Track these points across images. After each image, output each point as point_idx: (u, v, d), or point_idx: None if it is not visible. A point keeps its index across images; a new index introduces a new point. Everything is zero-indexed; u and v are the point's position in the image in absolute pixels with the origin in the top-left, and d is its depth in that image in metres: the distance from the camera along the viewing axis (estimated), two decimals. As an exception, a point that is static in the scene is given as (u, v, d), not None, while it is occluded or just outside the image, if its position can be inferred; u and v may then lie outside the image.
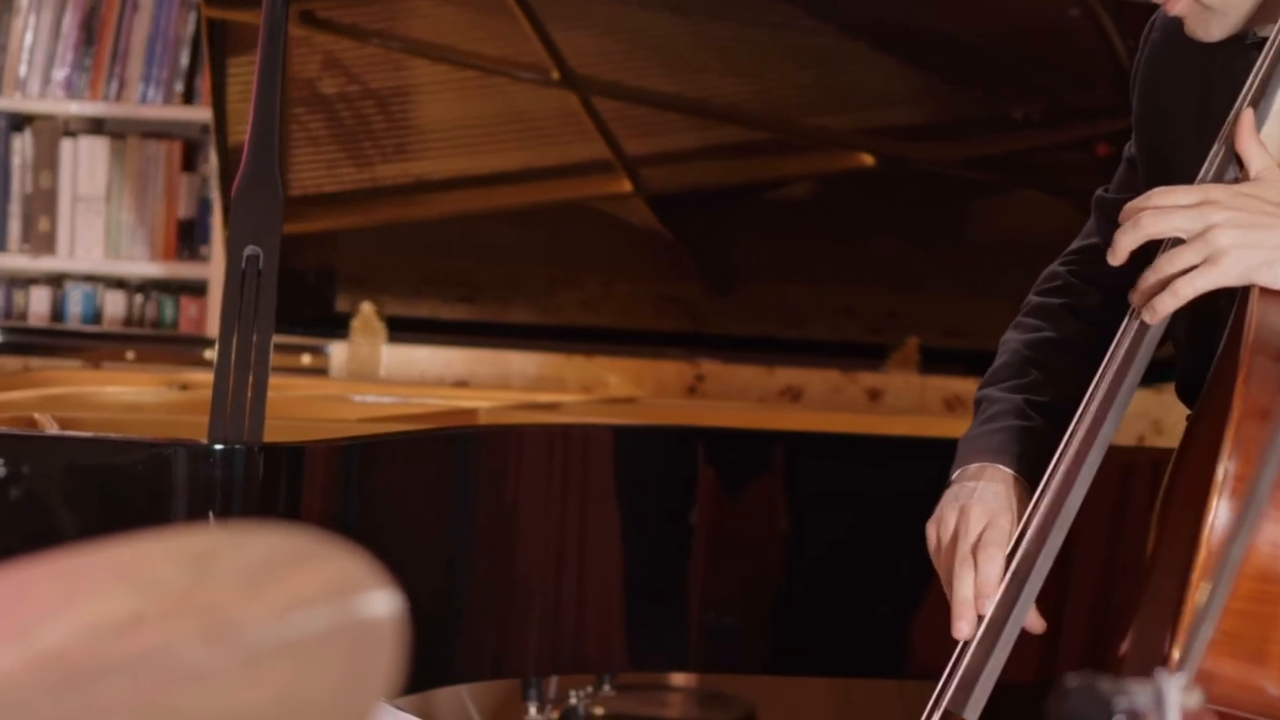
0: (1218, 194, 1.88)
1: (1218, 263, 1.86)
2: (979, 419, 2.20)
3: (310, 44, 3.59)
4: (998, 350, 2.29)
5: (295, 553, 0.88)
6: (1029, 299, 2.32)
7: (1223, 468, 1.76)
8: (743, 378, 3.88)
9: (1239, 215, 1.86)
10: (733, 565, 3.00)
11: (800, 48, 3.64)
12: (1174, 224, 1.89)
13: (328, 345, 3.82)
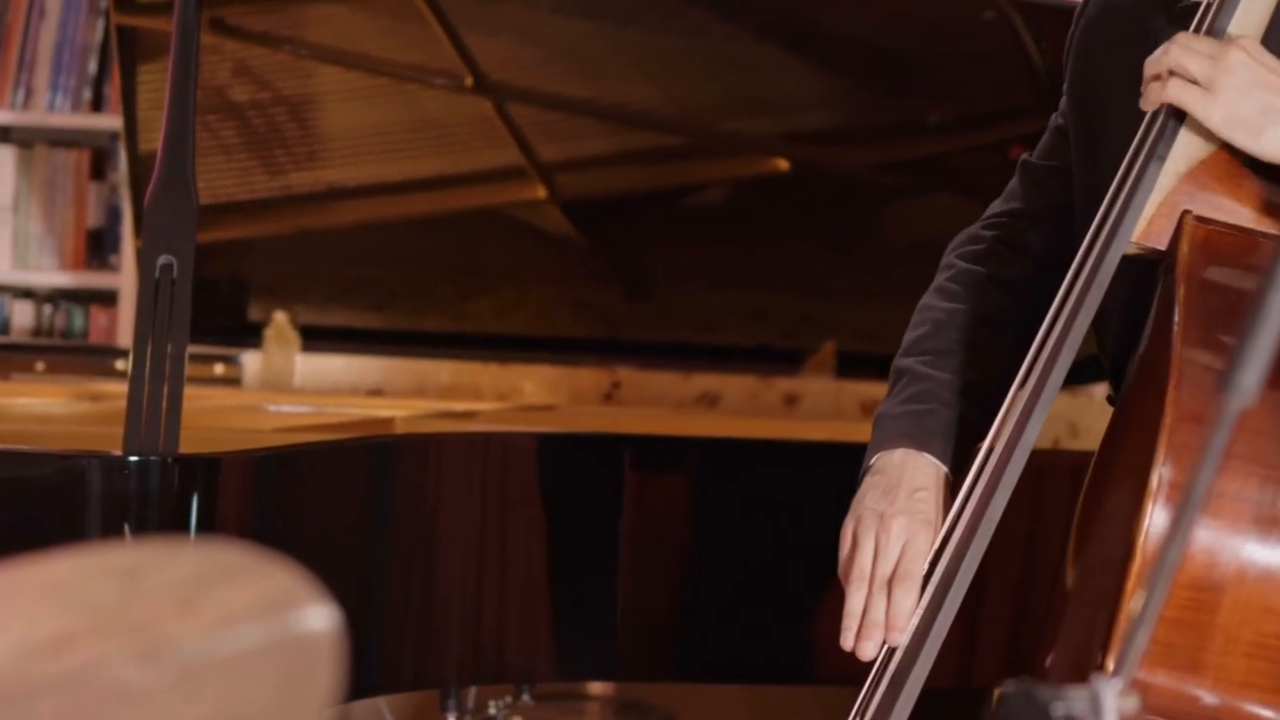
0: (1245, 41, 1.87)
1: (1212, 93, 1.85)
2: (900, 394, 2.13)
3: (220, 51, 3.56)
4: (916, 314, 2.20)
5: (228, 567, 0.86)
6: (949, 260, 2.23)
7: (1157, 474, 1.74)
8: (659, 384, 3.87)
9: (1250, 64, 1.85)
10: (654, 573, 2.99)
11: (714, 53, 3.64)
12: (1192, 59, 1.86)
13: (241, 355, 3.79)
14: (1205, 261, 1.84)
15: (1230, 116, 1.85)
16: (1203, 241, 1.85)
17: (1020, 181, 2.25)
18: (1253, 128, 1.84)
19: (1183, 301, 1.81)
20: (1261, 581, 1.75)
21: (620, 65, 3.66)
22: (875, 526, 2.03)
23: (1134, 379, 1.96)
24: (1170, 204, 1.88)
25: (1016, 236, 2.21)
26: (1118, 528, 1.83)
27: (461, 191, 3.79)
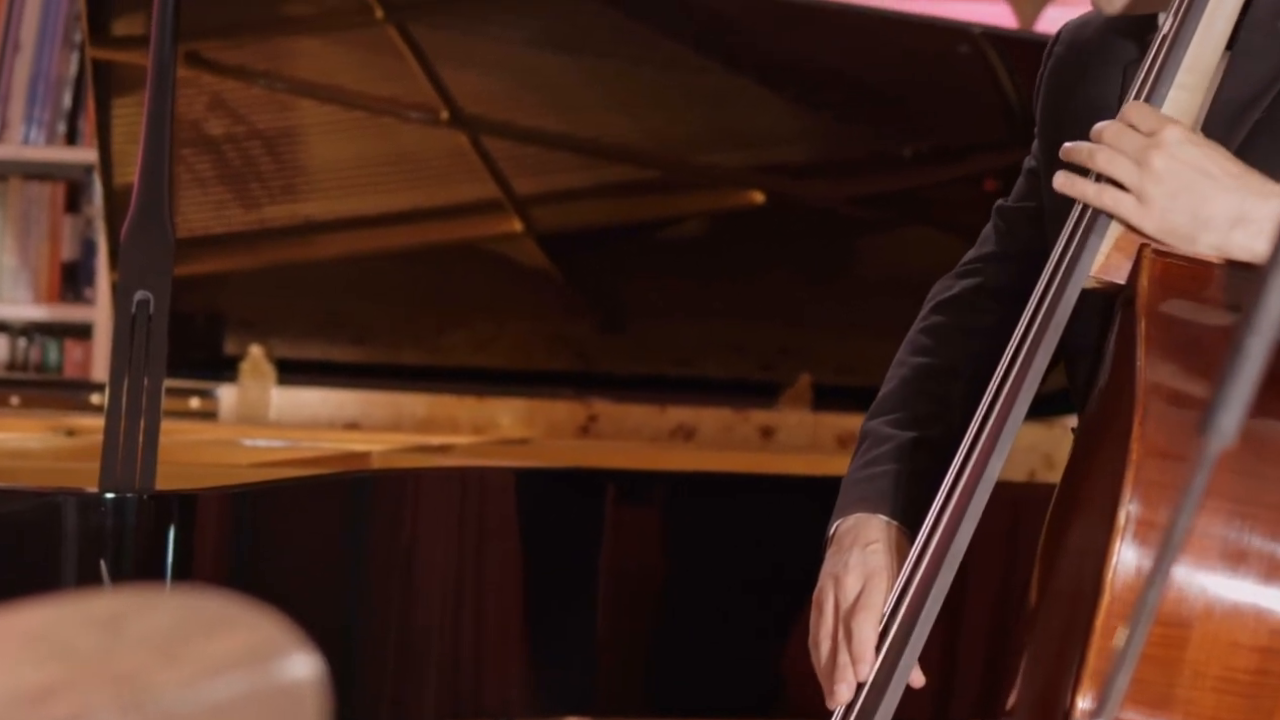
0: (1172, 135, 1.86)
1: (1143, 204, 1.85)
2: (861, 458, 2.15)
3: (196, 85, 3.55)
4: (891, 369, 2.21)
5: (210, 616, 0.86)
6: (925, 310, 2.24)
7: (1124, 510, 1.74)
8: (635, 417, 3.87)
9: (1175, 169, 1.84)
10: (631, 607, 2.98)
11: (689, 86, 3.65)
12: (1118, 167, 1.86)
13: (217, 388, 3.78)
14: (1165, 294, 1.85)
15: (1162, 228, 1.85)
16: (1161, 274, 1.85)
17: (995, 226, 2.25)
18: (1186, 236, 1.85)
19: (1144, 335, 1.81)
20: (1229, 617, 1.75)
21: (595, 98, 3.66)
22: (831, 588, 2.07)
23: (1094, 413, 1.96)
24: (1128, 238, 1.88)
25: (991, 282, 2.21)
26: (1082, 563, 1.83)
27: (437, 225, 3.79)
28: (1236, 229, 1.83)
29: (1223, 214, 1.83)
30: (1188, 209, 1.84)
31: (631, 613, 2.98)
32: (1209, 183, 1.84)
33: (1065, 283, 1.90)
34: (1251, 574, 1.75)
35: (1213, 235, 1.84)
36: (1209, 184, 1.84)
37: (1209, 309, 1.86)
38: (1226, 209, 1.83)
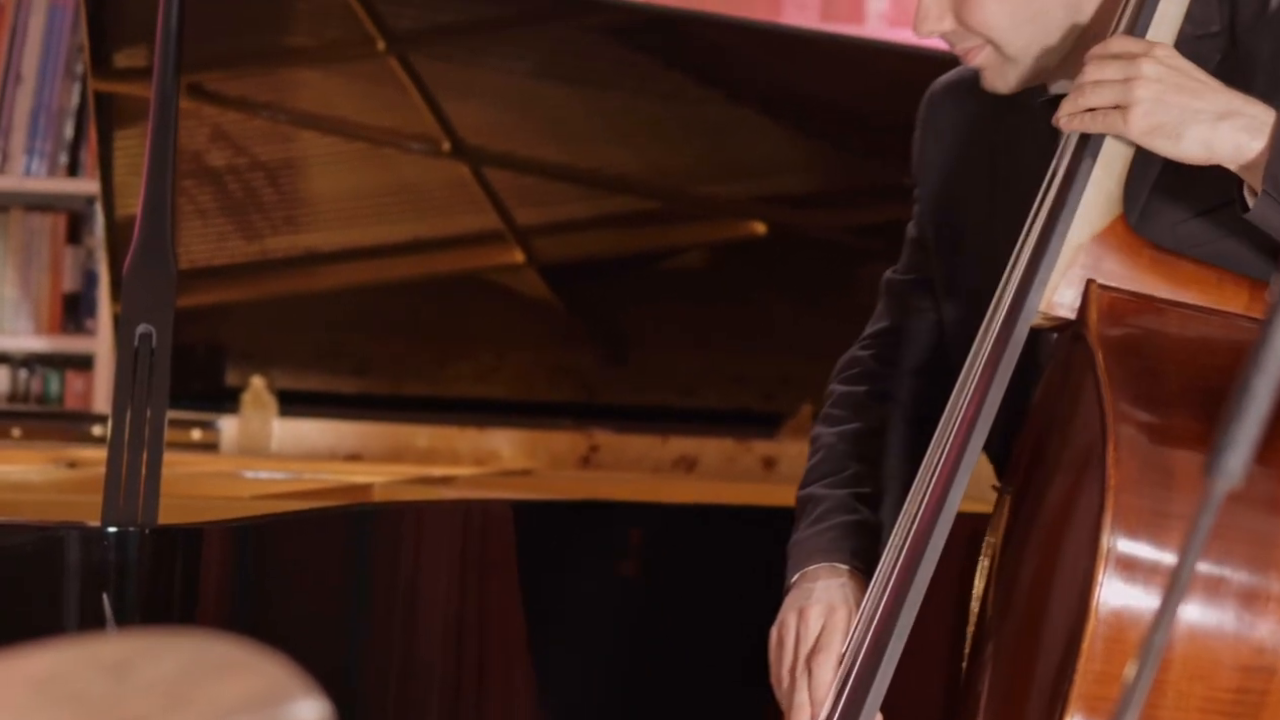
0: (1162, 49, 1.89)
1: (1126, 113, 1.87)
2: (806, 521, 2.20)
3: (198, 116, 3.56)
4: (810, 446, 2.29)
5: (217, 660, 0.85)
6: (831, 389, 2.32)
7: (1106, 540, 1.76)
8: (637, 448, 3.87)
9: (1165, 73, 1.87)
10: (636, 639, 2.98)
11: (690, 117, 3.65)
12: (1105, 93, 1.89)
13: (218, 420, 3.78)
14: (1115, 328, 1.88)
15: (1150, 125, 1.87)
16: (1109, 308, 1.88)
17: (885, 300, 2.32)
18: (1172, 130, 1.87)
19: (1104, 368, 1.83)
20: (1211, 638, 1.77)
21: (597, 130, 3.67)
22: (794, 621, 2.11)
23: (1039, 443, 1.97)
24: (1075, 272, 1.92)
25: (890, 352, 2.28)
26: (1052, 595, 1.85)
27: (439, 256, 3.79)
28: (1224, 121, 1.86)
29: (1211, 107, 1.86)
30: (1176, 104, 1.86)
31: (636, 645, 2.98)
32: (1198, 84, 1.87)
33: (1014, 319, 1.92)
34: (1231, 597, 1.78)
35: (1200, 127, 1.86)
36: (1198, 85, 1.87)
37: (1157, 341, 1.89)
38: (1215, 103, 1.86)
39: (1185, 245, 1.99)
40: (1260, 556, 1.78)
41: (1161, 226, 2.00)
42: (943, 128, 2.24)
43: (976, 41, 2.04)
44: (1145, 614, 1.76)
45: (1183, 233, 2.01)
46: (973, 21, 2.03)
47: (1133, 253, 1.92)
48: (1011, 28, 2.02)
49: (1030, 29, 2.03)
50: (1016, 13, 2.02)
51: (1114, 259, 1.92)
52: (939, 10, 2.05)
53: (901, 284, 2.30)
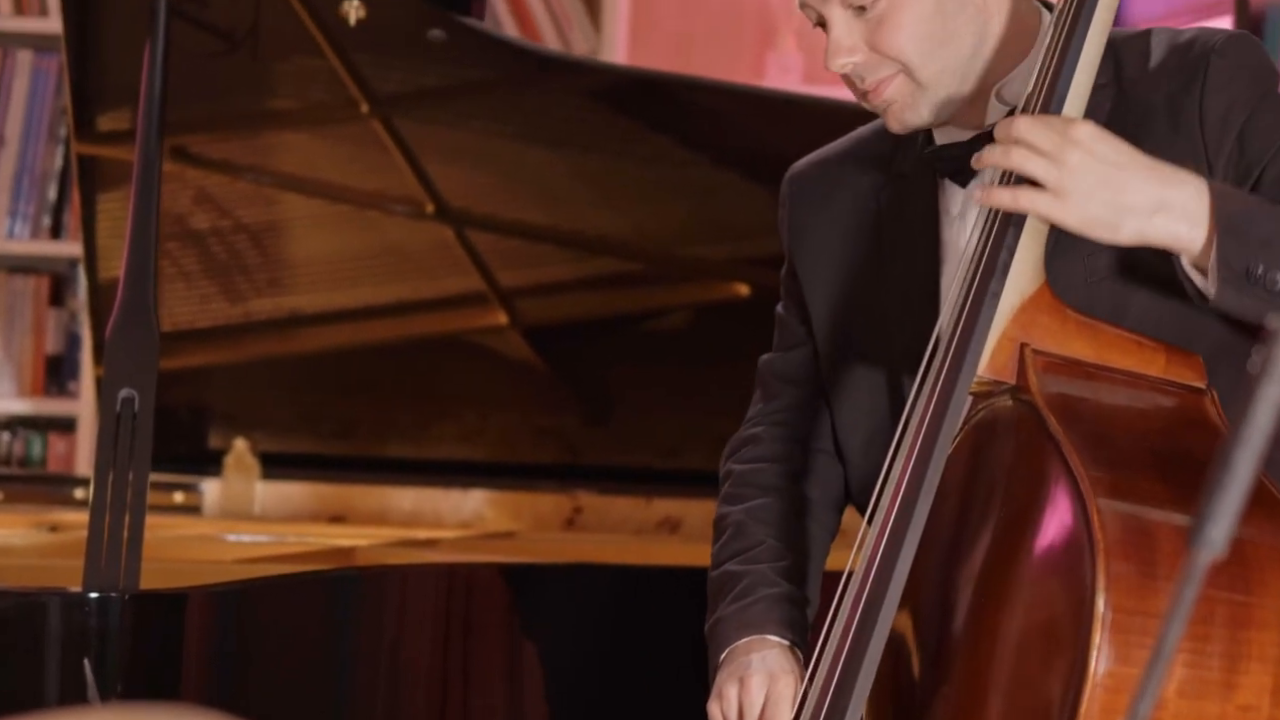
0: (1085, 130, 1.90)
1: (1062, 199, 1.88)
2: (727, 599, 2.20)
3: (182, 179, 3.56)
4: (715, 528, 2.30)
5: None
6: (728, 468, 2.34)
7: (1101, 604, 1.77)
8: (621, 509, 3.86)
9: (1091, 164, 1.88)
10: (623, 703, 2.97)
11: (674, 179, 3.65)
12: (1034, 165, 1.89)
13: (201, 483, 3.77)
14: (1057, 390, 1.91)
15: (1085, 219, 1.89)
16: (1045, 372, 1.92)
17: (765, 381, 2.37)
18: (1109, 225, 1.89)
19: (1060, 431, 1.86)
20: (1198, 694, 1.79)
21: (580, 191, 3.67)
22: (735, 692, 2.11)
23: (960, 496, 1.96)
24: (1009, 337, 1.94)
25: (781, 430, 2.31)
26: (1015, 653, 1.85)
27: (422, 317, 3.79)
28: (1158, 215, 1.88)
29: (1143, 202, 1.88)
30: (1108, 200, 1.88)
31: (621, 709, 2.97)
32: (1125, 174, 1.89)
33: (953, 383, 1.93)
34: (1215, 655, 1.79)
35: (1136, 220, 1.88)
36: (1125, 175, 1.89)
37: (1095, 404, 1.93)
38: (1147, 197, 1.88)
39: (1096, 277, 2.04)
40: (1240, 616, 1.79)
41: (1073, 258, 2.04)
42: (816, 204, 2.28)
43: (888, 71, 2.07)
44: (1136, 676, 1.77)
45: (1093, 264, 2.05)
46: (888, 46, 2.06)
47: (1060, 317, 1.96)
48: (926, 52, 2.06)
49: (942, 55, 2.06)
50: (930, 37, 2.05)
51: (1043, 324, 1.95)
52: (851, 41, 2.07)
53: (784, 362, 2.33)
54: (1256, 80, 2.04)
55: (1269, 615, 1.80)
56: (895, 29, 2.05)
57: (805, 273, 2.29)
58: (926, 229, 2.16)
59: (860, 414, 2.23)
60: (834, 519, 2.30)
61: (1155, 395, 1.95)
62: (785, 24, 4.80)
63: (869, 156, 2.25)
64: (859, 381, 2.22)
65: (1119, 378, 1.95)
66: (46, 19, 4.51)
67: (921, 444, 1.93)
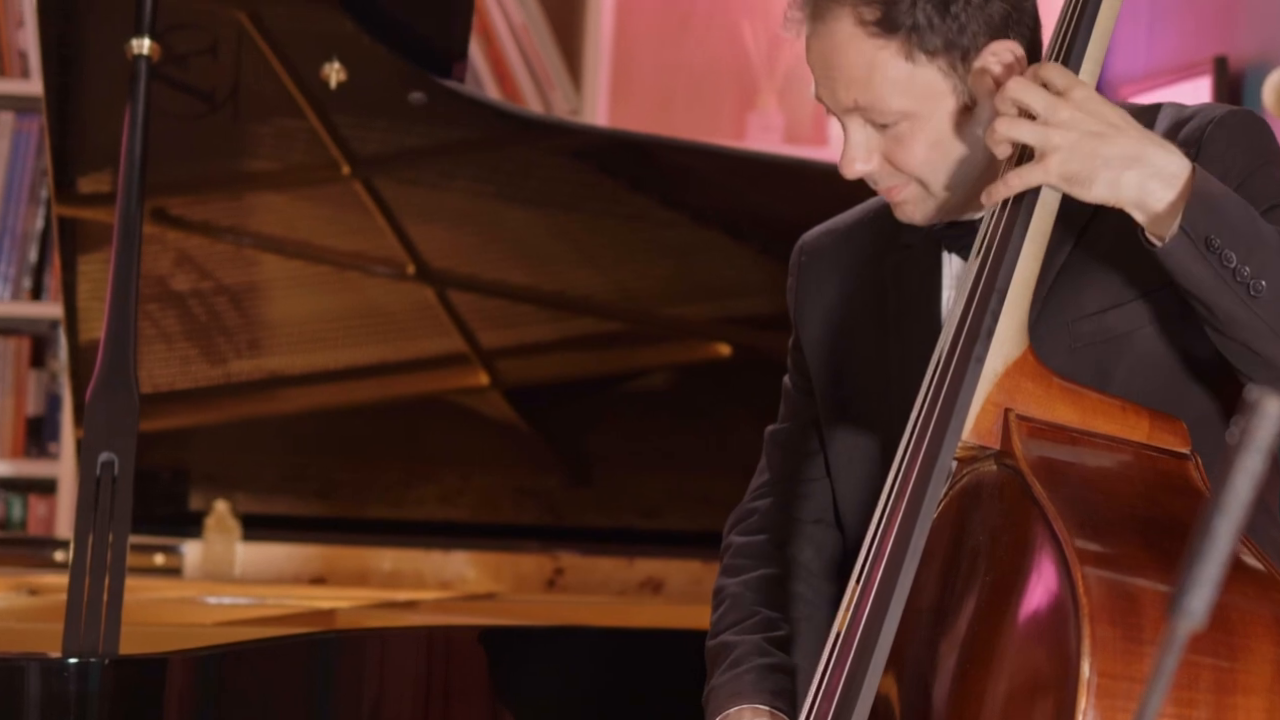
0: (1078, 92, 1.91)
1: (1046, 159, 1.90)
2: (720, 668, 2.22)
3: (162, 241, 3.56)
4: (714, 599, 2.32)
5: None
6: (729, 541, 2.36)
7: (1087, 668, 1.77)
8: (603, 570, 3.85)
9: (1080, 118, 1.89)
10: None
11: (655, 239, 3.66)
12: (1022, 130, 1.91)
13: (182, 545, 3.76)
14: (1041, 457, 1.91)
15: (1063, 174, 1.90)
16: (1030, 438, 1.92)
17: (770, 452, 2.38)
18: (1085, 179, 1.90)
19: (1044, 496, 1.86)
20: None
21: (562, 252, 3.67)
22: None
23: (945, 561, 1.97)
24: (994, 402, 1.94)
25: (785, 502, 2.33)
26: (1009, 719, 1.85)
27: (403, 378, 3.79)
28: (1131, 168, 1.89)
29: (1120, 154, 1.89)
30: (1088, 151, 1.89)
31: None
32: (1111, 129, 1.90)
33: (938, 448, 1.92)
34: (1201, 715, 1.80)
35: (1108, 173, 1.89)
36: (1111, 130, 1.90)
37: (1080, 470, 1.92)
38: (1125, 149, 1.89)
39: (1080, 341, 2.05)
40: (1225, 682, 1.79)
41: (1058, 323, 2.06)
42: (825, 274, 2.31)
43: (902, 180, 2.10)
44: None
45: (1077, 330, 2.06)
46: (903, 163, 2.08)
47: (1044, 383, 1.95)
48: (940, 170, 2.08)
49: (956, 172, 2.08)
50: (945, 156, 2.07)
51: (1027, 389, 1.95)
52: (865, 152, 2.09)
53: (787, 434, 2.35)
54: (1254, 151, 2.04)
55: (1255, 680, 1.80)
56: (912, 149, 2.07)
57: (809, 343, 2.31)
58: (929, 300, 2.17)
59: (859, 483, 2.24)
60: (834, 589, 2.30)
61: (1139, 461, 1.94)
62: (766, 84, 4.81)
63: (878, 227, 2.27)
64: (859, 451, 2.23)
65: (1103, 443, 1.95)
66: (28, 81, 4.51)
67: (907, 508, 1.93)
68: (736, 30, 4.82)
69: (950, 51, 2.05)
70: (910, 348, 2.16)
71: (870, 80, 2.05)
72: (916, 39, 2.03)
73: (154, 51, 2.69)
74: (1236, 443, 0.97)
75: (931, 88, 2.05)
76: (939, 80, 2.06)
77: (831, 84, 2.08)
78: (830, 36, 2.06)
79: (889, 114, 2.06)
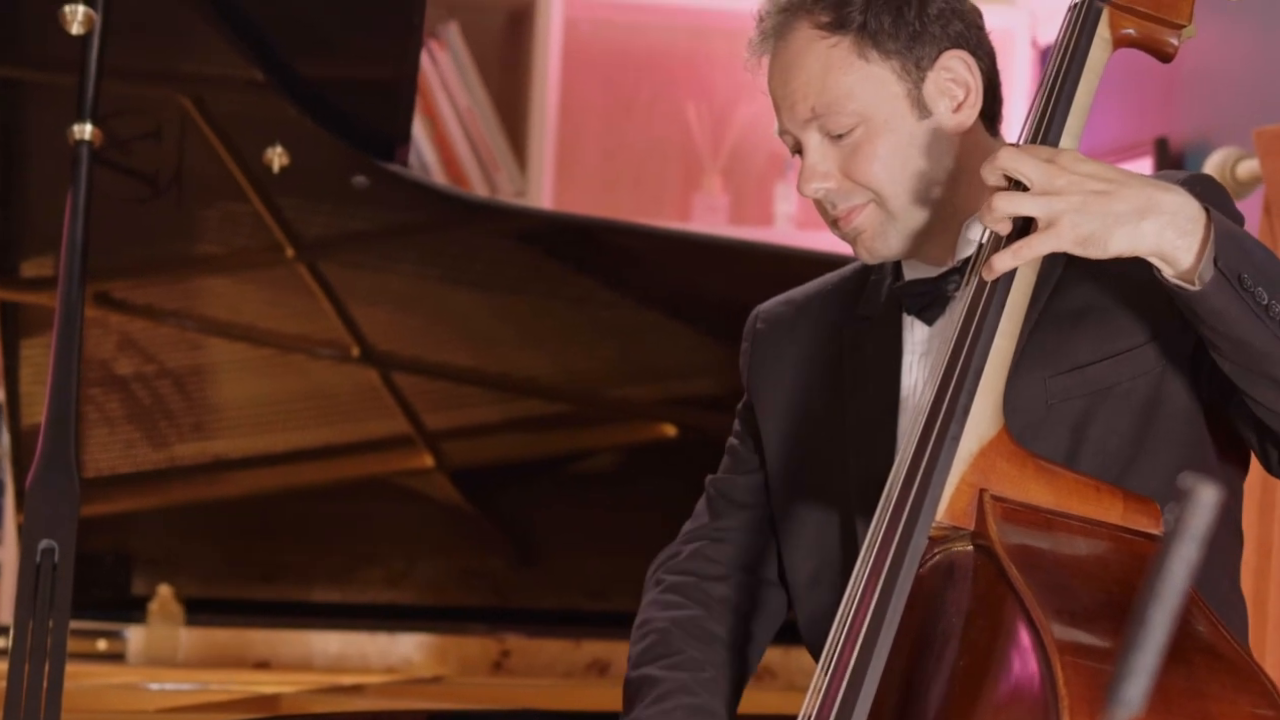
0: (1066, 157, 1.92)
1: (1057, 226, 1.88)
2: (645, 701, 2.21)
3: (105, 325, 3.55)
4: (635, 630, 2.31)
5: None
6: (658, 577, 2.37)
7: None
8: (549, 652, 3.84)
9: (1079, 181, 1.89)
10: None
11: (600, 320, 3.66)
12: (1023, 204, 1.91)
13: (125, 629, 3.73)
14: (1016, 539, 1.89)
15: (1078, 239, 1.89)
16: (1004, 519, 1.90)
17: (708, 498, 2.41)
18: (1100, 240, 1.89)
19: (1020, 581, 1.84)
20: None
21: (506, 334, 3.67)
22: None
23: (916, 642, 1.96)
24: (968, 482, 1.92)
25: (712, 547, 2.35)
26: None
27: (348, 460, 3.77)
28: (1146, 219, 1.88)
29: (1131, 207, 1.88)
30: (1098, 213, 1.88)
31: None
32: (1113, 185, 1.89)
33: (912, 528, 1.91)
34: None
35: (1124, 228, 1.88)
36: (1114, 186, 1.89)
37: (1055, 553, 1.91)
38: (1134, 201, 1.88)
39: (1056, 398, 2.06)
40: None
41: (1034, 378, 2.06)
42: (780, 342, 2.33)
43: (860, 199, 2.12)
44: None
45: (1053, 386, 2.07)
46: (860, 174, 2.11)
47: (1019, 462, 1.94)
48: (897, 181, 2.11)
49: (913, 185, 2.11)
50: (902, 167, 2.11)
51: (1002, 469, 1.93)
52: (825, 167, 2.12)
53: (727, 484, 2.37)
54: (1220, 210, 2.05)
55: None
56: (868, 158, 2.11)
57: (762, 407, 2.32)
58: (886, 370, 2.18)
59: (808, 549, 2.24)
60: (762, 646, 2.32)
61: (1114, 544, 1.92)
62: (711, 164, 4.83)
63: (835, 299, 2.30)
64: (808, 516, 2.23)
65: (1078, 525, 1.93)
66: (-29, 163, 4.50)
67: (881, 589, 1.92)
68: (681, 111, 4.84)
69: (904, 56, 2.11)
70: (866, 418, 2.16)
71: (825, 80, 2.10)
72: (869, 38, 2.10)
73: (96, 136, 2.69)
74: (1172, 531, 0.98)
75: (885, 89, 2.10)
76: (893, 82, 2.11)
77: (790, 98, 2.13)
78: (788, 47, 2.13)
79: (844, 115, 2.10)
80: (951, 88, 2.13)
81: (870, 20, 2.10)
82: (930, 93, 2.12)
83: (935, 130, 2.12)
